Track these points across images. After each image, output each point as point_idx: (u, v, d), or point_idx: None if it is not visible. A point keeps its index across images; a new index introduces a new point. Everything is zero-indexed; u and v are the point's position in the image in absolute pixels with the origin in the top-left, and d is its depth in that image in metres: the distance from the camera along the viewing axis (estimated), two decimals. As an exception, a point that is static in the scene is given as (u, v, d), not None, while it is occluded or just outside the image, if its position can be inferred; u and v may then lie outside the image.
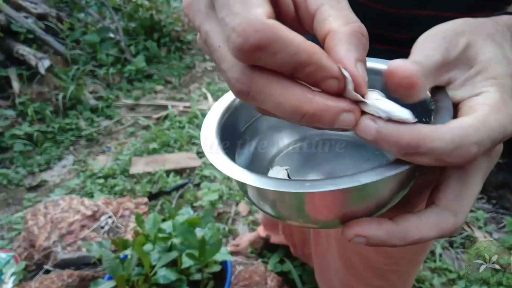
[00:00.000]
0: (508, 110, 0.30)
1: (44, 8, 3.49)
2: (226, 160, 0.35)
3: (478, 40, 0.34)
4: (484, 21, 0.36)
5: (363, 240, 0.31)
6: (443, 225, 0.31)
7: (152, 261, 1.09)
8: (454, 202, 0.31)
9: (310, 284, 1.56)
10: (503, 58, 0.33)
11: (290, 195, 0.32)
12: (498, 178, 2.18)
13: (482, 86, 0.32)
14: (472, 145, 0.27)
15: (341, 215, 0.32)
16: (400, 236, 0.30)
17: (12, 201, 2.25)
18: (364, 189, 0.30)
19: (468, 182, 0.32)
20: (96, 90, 3.25)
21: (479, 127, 0.28)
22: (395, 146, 0.27)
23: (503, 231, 1.94)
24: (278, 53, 0.24)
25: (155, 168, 2.35)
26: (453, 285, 1.64)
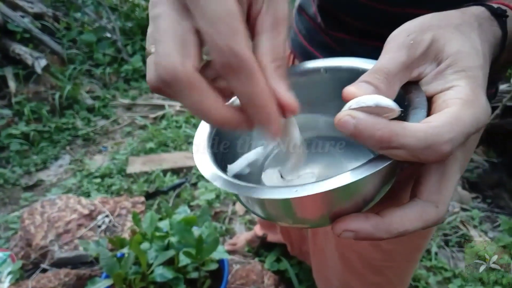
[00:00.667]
0: (480, 102, 0.32)
1: (41, 7, 3.48)
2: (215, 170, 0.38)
3: (445, 33, 0.35)
4: (451, 13, 0.38)
5: (352, 235, 0.32)
6: (426, 216, 0.33)
7: (149, 259, 1.09)
8: (435, 194, 0.33)
9: (306, 283, 1.56)
10: (472, 49, 0.34)
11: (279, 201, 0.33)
12: (493, 177, 2.20)
13: (454, 80, 0.33)
14: (445, 143, 0.29)
15: (330, 214, 0.34)
16: (385, 228, 0.32)
17: (8, 200, 2.24)
18: (349, 188, 0.31)
19: (446, 174, 0.33)
20: (93, 90, 3.25)
21: (452, 124, 0.30)
22: (370, 140, 0.30)
23: (498, 230, 1.96)
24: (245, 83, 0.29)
25: (152, 168, 2.35)
26: (448, 284, 1.65)
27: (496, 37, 0.38)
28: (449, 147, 0.29)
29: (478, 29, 0.37)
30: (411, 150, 0.29)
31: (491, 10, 0.39)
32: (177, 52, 0.28)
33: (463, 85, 0.32)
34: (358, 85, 0.32)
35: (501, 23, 0.39)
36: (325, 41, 0.70)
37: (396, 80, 0.33)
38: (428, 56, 0.35)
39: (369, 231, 0.32)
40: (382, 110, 0.30)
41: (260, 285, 1.38)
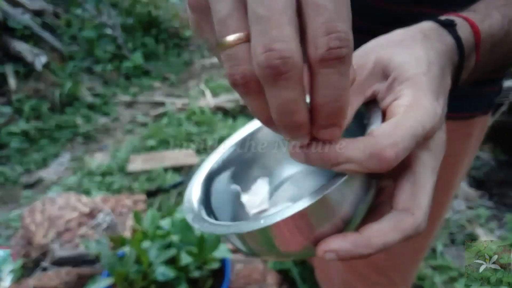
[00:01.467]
0: (422, 105, 0.33)
1: (41, 4, 3.48)
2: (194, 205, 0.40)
3: (387, 51, 0.37)
4: (394, 32, 0.40)
5: (334, 255, 0.32)
6: (402, 225, 0.33)
7: (151, 258, 1.09)
8: (409, 201, 0.34)
9: (309, 282, 1.55)
10: (413, 59, 0.36)
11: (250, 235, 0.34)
12: (499, 175, 2.19)
13: (400, 90, 0.35)
14: (384, 149, 0.30)
15: (311, 240, 0.34)
16: (364, 244, 0.32)
17: (8, 198, 2.24)
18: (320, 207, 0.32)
19: (417, 180, 0.34)
20: (93, 87, 3.24)
21: (390, 131, 0.31)
22: (321, 162, 0.31)
23: (505, 228, 1.94)
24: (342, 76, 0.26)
25: (153, 166, 2.34)
26: (454, 283, 1.64)
27: (448, 43, 0.40)
28: (392, 152, 0.30)
29: (423, 40, 0.38)
30: (358, 162, 0.30)
31: (438, 22, 0.41)
32: (295, 39, 0.25)
33: (407, 93, 0.34)
34: None
35: (451, 31, 0.41)
36: None
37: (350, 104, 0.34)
38: (376, 75, 0.37)
39: (349, 248, 0.32)
40: None
41: (263, 284, 1.37)
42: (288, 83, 0.25)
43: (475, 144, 0.80)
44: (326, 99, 0.27)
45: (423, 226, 0.34)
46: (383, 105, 0.36)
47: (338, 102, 0.27)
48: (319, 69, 0.25)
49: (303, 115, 0.27)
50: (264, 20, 0.24)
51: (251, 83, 0.26)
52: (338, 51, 0.24)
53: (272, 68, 0.24)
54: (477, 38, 0.42)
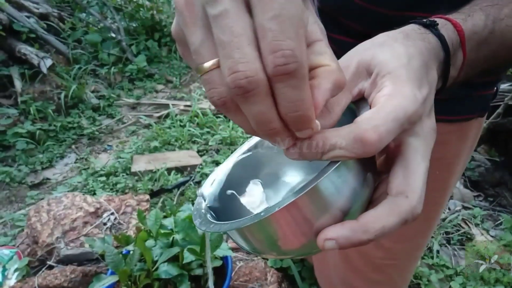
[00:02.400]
0: (403, 93, 0.35)
1: (46, 7, 3.51)
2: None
3: (369, 52, 0.40)
4: (376, 36, 0.42)
5: (333, 243, 0.33)
6: (398, 208, 0.34)
7: (154, 256, 1.10)
8: (402, 185, 0.34)
9: (309, 280, 1.57)
10: (393, 55, 0.38)
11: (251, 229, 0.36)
12: (495, 176, 2.20)
13: (382, 83, 0.37)
14: (367, 132, 0.31)
15: (311, 234, 0.35)
16: (362, 229, 0.33)
17: (14, 198, 2.27)
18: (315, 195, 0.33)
19: (409, 165, 0.35)
20: (98, 89, 3.27)
21: (372, 115, 0.33)
22: (313, 153, 0.33)
23: (500, 228, 1.96)
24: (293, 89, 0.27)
25: (157, 166, 2.37)
26: (450, 282, 1.66)
27: (431, 41, 0.42)
28: (374, 135, 0.31)
29: (403, 38, 0.40)
30: (344, 147, 0.32)
31: (420, 23, 0.44)
32: (256, 58, 0.27)
33: (387, 85, 0.36)
34: None
35: (433, 30, 0.43)
36: None
37: (334, 104, 0.36)
38: (359, 75, 0.40)
39: (347, 235, 0.33)
40: None
41: (263, 282, 1.39)
42: (256, 99, 0.28)
43: (471, 146, 0.81)
44: (286, 109, 0.29)
45: (419, 209, 0.34)
46: (370, 101, 0.38)
47: (297, 111, 0.28)
48: (273, 84, 0.27)
49: (276, 123, 0.29)
50: (226, 45, 0.27)
51: (228, 103, 0.29)
52: (284, 68, 0.26)
53: (239, 88, 0.27)
54: (461, 35, 0.44)
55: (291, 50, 0.26)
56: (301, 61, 0.26)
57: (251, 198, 0.49)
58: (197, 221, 0.42)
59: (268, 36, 0.26)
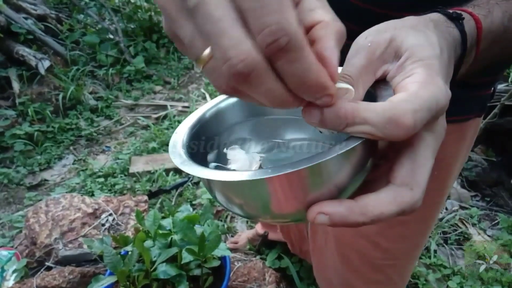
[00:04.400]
0: (437, 84, 0.33)
1: (44, 9, 3.51)
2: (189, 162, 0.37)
3: (401, 32, 0.37)
4: (406, 18, 0.40)
5: (326, 218, 0.32)
6: (400, 199, 0.33)
7: (153, 257, 1.10)
8: (408, 177, 0.33)
9: (307, 280, 1.58)
10: (427, 42, 0.36)
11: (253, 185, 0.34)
12: (492, 176, 2.20)
13: (412, 69, 0.35)
14: (405, 114, 0.30)
15: (306, 204, 0.34)
16: (360, 211, 0.32)
17: (13, 200, 2.27)
18: (321, 169, 0.32)
19: (418, 158, 0.34)
20: (96, 91, 3.27)
21: (410, 99, 0.31)
22: (336, 120, 0.31)
23: (497, 228, 1.97)
24: (294, 62, 0.26)
25: (155, 167, 2.37)
26: (447, 281, 1.67)
27: (454, 36, 0.40)
28: (410, 119, 0.30)
29: (434, 28, 0.39)
30: (374, 125, 0.30)
31: (447, 15, 0.42)
32: (245, 38, 0.25)
33: (420, 72, 0.34)
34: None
35: (458, 25, 0.41)
36: None
37: (359, 82, 0.34)
38: (388, 55, 0.37)
39: (343, 214, 0.32)
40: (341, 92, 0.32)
41: (262, 282, 1.40)
42: (259, 80, 0.27)
43: (468, 146, 0.81)
44: (293, 84, 0.28)
45: (419, 204, 0.34)
46: (393, 83, 0.36)
47: (306, 83, 0.27)
48: (273, 63, 0.26)
49: (289, 97, 0.28)
50: (212, 34, 0.26)
51: (236, 88, 0.28)
52: (275, 45, 0.25)
53: (237, 75, 0.26)
54: (479, 33, 0.43)
55: (276, 23, 0.24)
56: (291, 32, 0.25)
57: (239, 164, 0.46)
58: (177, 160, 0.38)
59: (250, 16, 0.25)
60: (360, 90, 0.35)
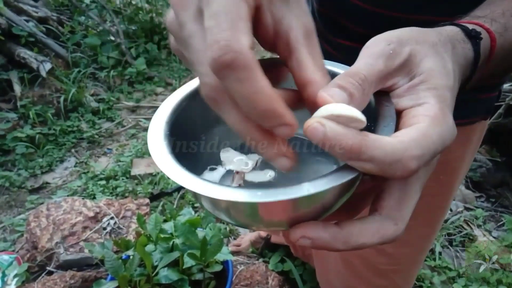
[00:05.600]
0: (447, 122, 0.32)
1: (45, 11, 3.50)
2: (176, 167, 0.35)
3: (422, 50, 0.35)
4: (430, 31, 0.38)
5: (309, 242, 0.32)
6: (383, 232, 0.33)
7: (154, 261, 1.10)
8: (395, 211, 0.33)
9: (311, 283, 1.57)
10: (443, 69, 0.35)
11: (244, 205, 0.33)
12: (496, 176, 2.19)
13: (425, 96, 0.33)
14: (412, 159, 0.29)
15: (289, 219, 0.33)
16: (343, 240, 0.32)
17: (14, 203, 2.26)
18: (313, 197, 0.31)
19: (408, 192, 0.34)
20: (97, 93, 3.26)
21: (420, 141, 0.30)
22: (339, 150, 0.29)
23: (503, 229, 1.95)
24: (241, 82, 0.26)
25: (157, 169, 2.36)
26: (452, 284, 1.65)
27: (468, 59, 0.39)
28: (415, 164, 0.29)
29: (452, 51, 0.37)
30: (379, 164, 0.29)
31: (466, 31, 0.40)
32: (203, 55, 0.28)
33: (432, 103, 0.33)
34: (331, 90, 0.31)
35: (474, 44, 0.40)
36: (324, 48, 0.70)
37: (371, 88, 0.33)
38: (403, 69, 0.35)
39: (327, 240, 0.32)
40: (350, 120, 0.29)
41: (265, 286, 1.39)
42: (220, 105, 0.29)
43: (474, 149, 0.80)
44: (245, 108, 0.27)
45: (399, 236, 0.34)
46: (400, 104, 0.35)
47: (256, 107, 0.27)
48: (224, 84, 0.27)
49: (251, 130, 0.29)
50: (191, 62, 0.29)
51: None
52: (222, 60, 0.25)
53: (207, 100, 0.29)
54: (492, 52, 0.42)
55: (226, 40, 0.25)
56: (237, 49, 0.25)
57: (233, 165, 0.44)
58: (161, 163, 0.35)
59: (208, 35, 0.26)
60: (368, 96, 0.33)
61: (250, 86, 0.26)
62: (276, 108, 0.27)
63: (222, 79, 0.26)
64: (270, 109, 0.27)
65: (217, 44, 0.25)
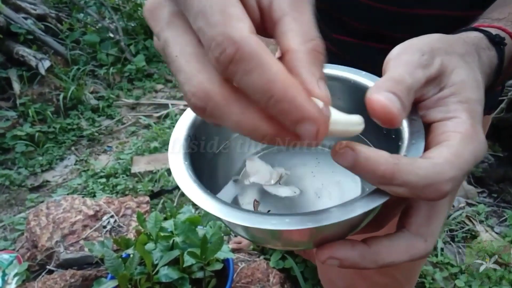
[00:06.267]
0: (479, 139, 0.31)
1: (43, 8, 3.49)
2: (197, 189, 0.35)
3: (452, 60, 0.34)
4: (456, 39, 0.37)
5: (337, 263, 0.31)
6: (413, 250, 0.32)
7: (154, 260, 1.09)
8: (424, 227, 0.32)
9: (312, 281, 1.56)
10: (474, 81, 0.34)
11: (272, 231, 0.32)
12: (499, 172, 2.18)
13: (455, 110, 0.32)
14: (446, 182, 0.28)
15: (316, 240, 0.33)
16: (372, 259, 0.31)
17: (14, 201, 2.26)
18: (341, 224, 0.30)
19: (437, 208, 0.33)
20: (97, 90, 3.25)
21: (454, 162, 0.29)
22: (371, 175, 0.28)
23: (505, 224, 1.95)
24: (251, 72, 0.22)
25: (157, 167, 2.36)
26: (455, 280, 1.65)
27: (492, 66, 0.38)
28: (449, 186, 0.28)
29: (478, 61, 0.36)
30: (412, 188, 0.28)
31: (489, 37, 0.39)
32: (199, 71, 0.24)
33: (464, 118, 0.31)
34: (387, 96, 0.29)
35: (499, 51, 0.39)
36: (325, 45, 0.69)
37: (412, 96, 0.32)
38: (434, 80, 0.34)
39: (355, 260, 0.31)
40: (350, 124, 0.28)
41: (266, 283, 1.38)
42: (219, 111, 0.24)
43: None
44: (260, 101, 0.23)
45: (430, 253, 0.33)
46: (428, 116, 0.34)
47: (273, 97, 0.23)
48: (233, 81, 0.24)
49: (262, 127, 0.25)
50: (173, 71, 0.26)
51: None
52: (224, 56, 0.22)
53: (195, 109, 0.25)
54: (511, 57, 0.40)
55: (221, 34, 0.22)
56: (237, 38, 0.22)
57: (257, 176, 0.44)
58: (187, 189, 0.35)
59: (201, 36, 0.24)
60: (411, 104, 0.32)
61: (262, 75, 0.22)
62: (295, 96, 0.23)
63: (232, 77, 0.23)
64: (289, 97, 0.23)
65: (214, 41, 0.22)
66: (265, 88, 0.22)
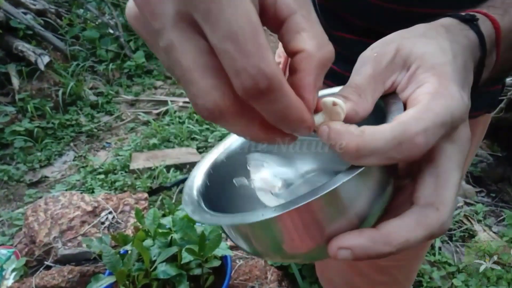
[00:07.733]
0: (450, 93, 0.31)
1: (43, 4, 3.48)
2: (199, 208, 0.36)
3: (408, 41, 0.35)
4: (416, 26, 0.38)
5: (348, 253, 0.30)
6: (426, 221, 0.30)
7: (152, 256, 1.10)
8: (432, 196, 0.31)
9: (310, 279, 1.56)
10: (438, 49, 0.34)
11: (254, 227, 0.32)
12: (497, 171, 2.19)
13: (424, 78, 0.33)
14: (416, 135, 0.28)
15: (321, 239, 0.31)
16: (383, 240, 0.30)
17: (13, 197, 2.26)
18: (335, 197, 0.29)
19: (441, 174, 0.31)
20: (96, 86, 3.25)
21: (421, 115, 0.29)
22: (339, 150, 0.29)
23: (503, 224, 1.95)
24: (275, 102, 0.25)
25: (156, 164, 2.36)
26: (452, 279, 1.65)
27: (470, 39, 0.38)
28: (423, 138, 0.28)
29: (446, 33, 0.36)
30: (383, 153, 0.28)
31: (459, 18, 0.39)
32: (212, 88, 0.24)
33: (431, 81, 0.32)
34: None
35: (472, 26, 0.38)
36: None
37: (367, 92, 0.33)
38: (396, 65, 0.35)
39: (366, 245, 0.29)
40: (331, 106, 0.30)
41: (263, 280, 1.38)
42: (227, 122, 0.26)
43: (477, 143, 0.79)
44: (273, 121, 0.27)
45: (448, 224, 0.31)
46: (404, 96, 0.34)
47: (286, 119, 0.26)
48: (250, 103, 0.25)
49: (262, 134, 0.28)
50: (182, 80, 0.25)
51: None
52: (254, 89, 0.23)
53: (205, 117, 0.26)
54: (498, 34, 0.40)
55: (255, 67, 0.23)
56: (271, 75, 0.23)
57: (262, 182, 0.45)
58: (189, 208, 0.36)
59: (226, 58, 0.23)
60: (368, 99, 0.33)
61: (282, 103, 0.25)
62: (303, 116, 0.27)
63: (253, 103, 0.25)
64: (299, 118, 0.26)
65: (246, 73, 0.23)
66: (283, 113, 0.26)
